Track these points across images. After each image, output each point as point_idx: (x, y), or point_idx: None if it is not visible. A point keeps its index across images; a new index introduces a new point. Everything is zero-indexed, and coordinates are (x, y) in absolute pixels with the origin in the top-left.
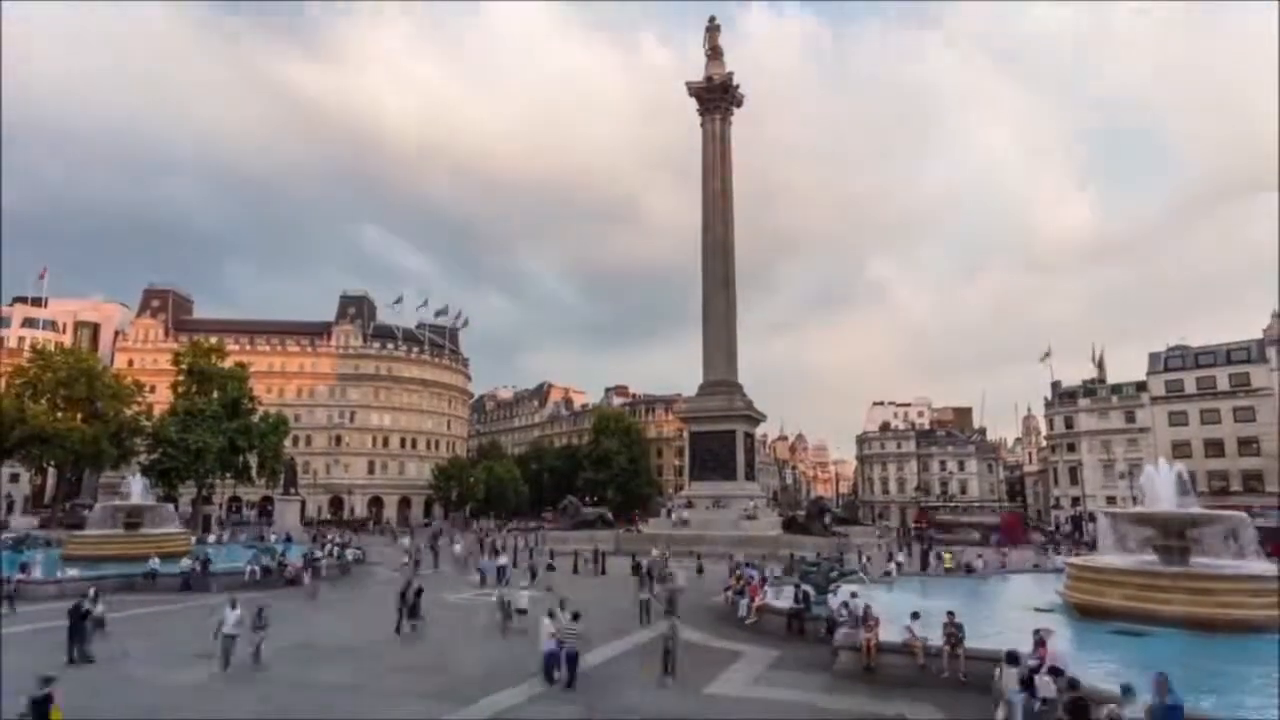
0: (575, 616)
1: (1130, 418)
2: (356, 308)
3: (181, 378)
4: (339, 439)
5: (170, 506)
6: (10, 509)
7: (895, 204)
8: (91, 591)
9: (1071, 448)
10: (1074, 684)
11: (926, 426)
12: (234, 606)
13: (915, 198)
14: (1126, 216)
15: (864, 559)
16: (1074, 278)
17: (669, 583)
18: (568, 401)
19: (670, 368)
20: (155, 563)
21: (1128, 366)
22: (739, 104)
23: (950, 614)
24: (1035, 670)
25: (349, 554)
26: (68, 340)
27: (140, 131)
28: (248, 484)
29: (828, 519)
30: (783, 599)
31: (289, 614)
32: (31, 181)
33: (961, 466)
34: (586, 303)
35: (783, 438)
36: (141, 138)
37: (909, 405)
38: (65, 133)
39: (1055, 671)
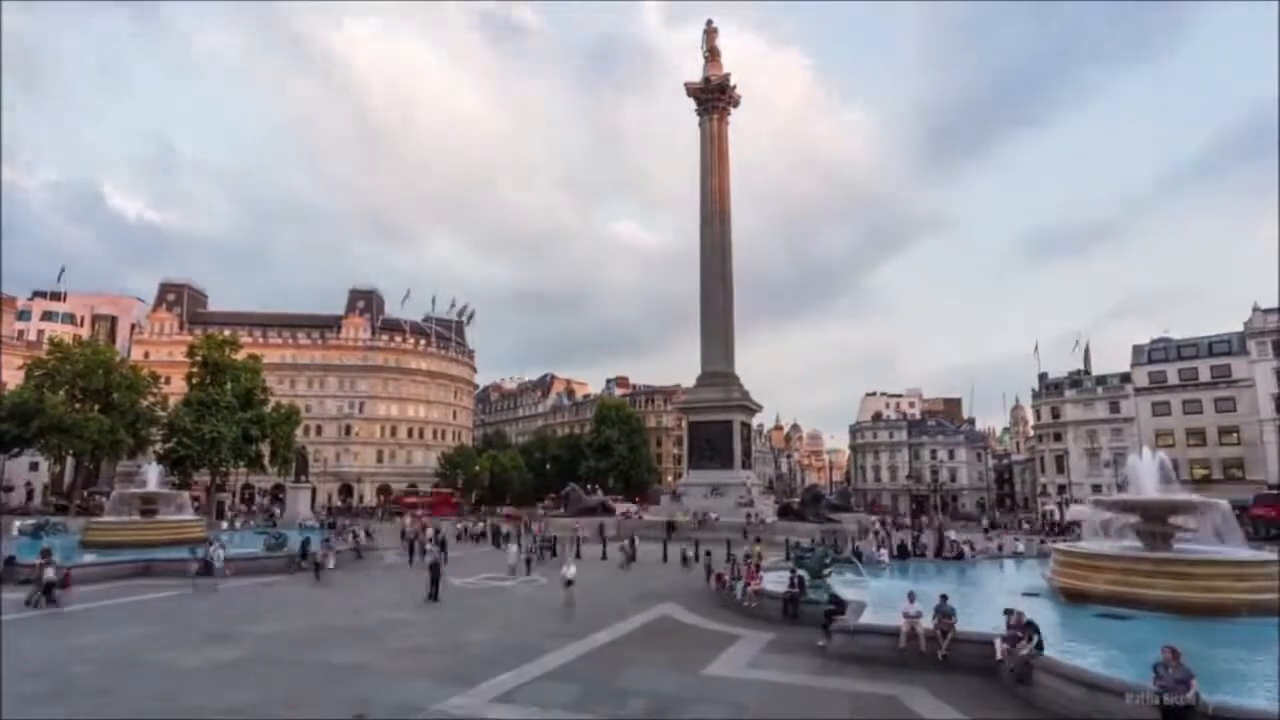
0: None
1: (1115, 408)
2: (365, 301)
3: (196, 369)
4: (349, 428)
5: (185, 494)
6: (30, 496)
7: (892, 195)
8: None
9: (1058, 437)
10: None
11: (918, 416)
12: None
13: (910, 191)
14: (1114, 208)
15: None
16: (1066, 269)
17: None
18: (570, 392)
19: (669, 360)
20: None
21: (1113, 359)
22: (736, 104)
23: (943, 597)
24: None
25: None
26: (85, 333)
27: None
28: (260, 472)
29: (823, 506)
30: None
31: (301, 598)
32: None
33: (951, 455)
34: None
35: (779, 427)
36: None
37: (901, 396)
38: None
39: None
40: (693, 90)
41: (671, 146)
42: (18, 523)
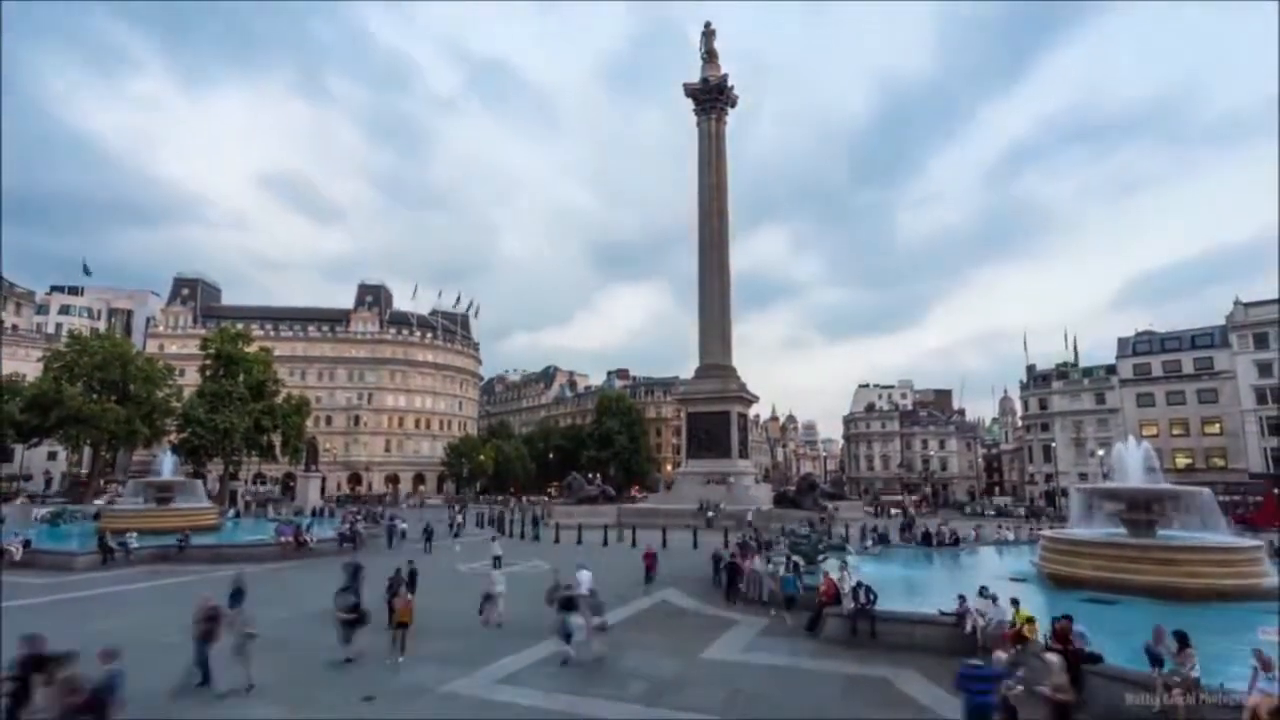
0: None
1: (1100, 399)
2: (374, 296)
3: (209, 362)
4: (357, 419)
5: (199, 482)
6: (48, 485)
7: (886, 190)
8: None
9: (1045, 427)
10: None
11: (909, 407)
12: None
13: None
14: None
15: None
16: (1055, 261)
17: None
18: (572, 384)
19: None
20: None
21: (1099, 351)
22: (733, 104)
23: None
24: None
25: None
26: (102, 326)
27: None
28: (272, 462)
29: (817, 494)
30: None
31: (311, 584)
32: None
33: (942, 445)
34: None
35: (774, 418)
36: None
37: (893, 387)
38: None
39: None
40: (691, 90)
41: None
42: (36, 510)
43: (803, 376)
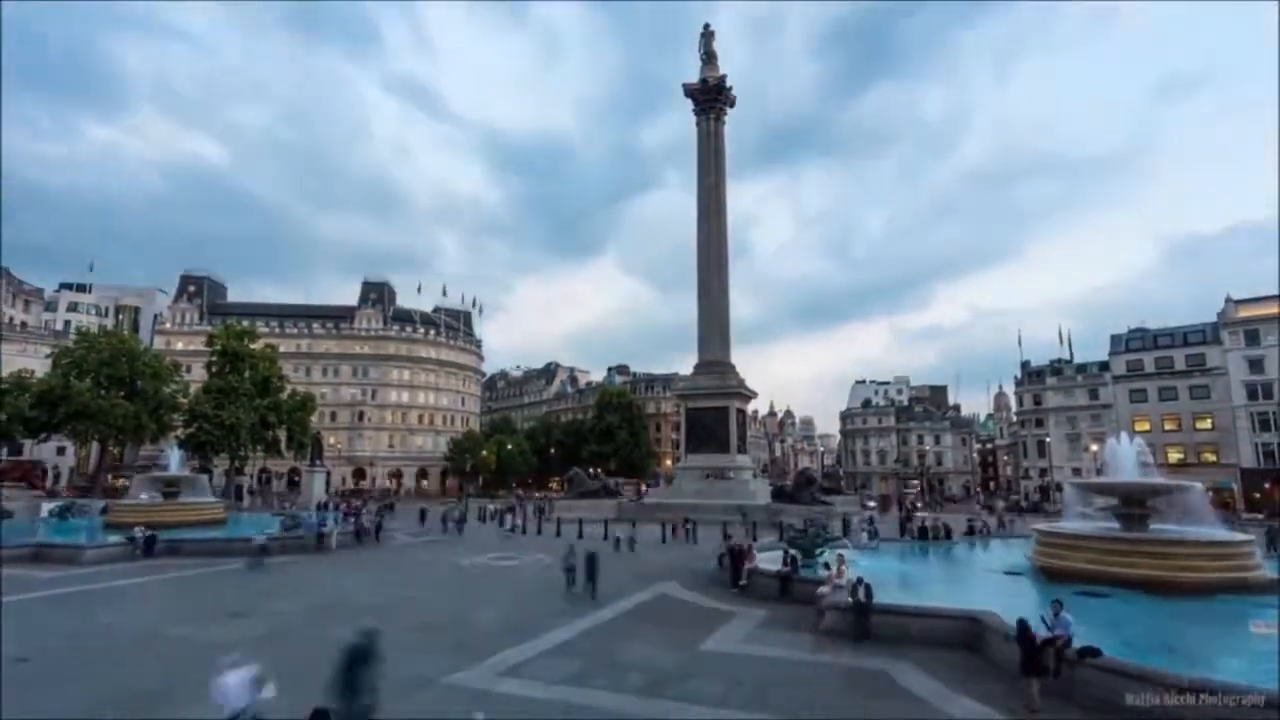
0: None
1: (1094, 395)
2: (377, 293)
3: (215, 358)
4: (361, 415)
5: (204, 477)
6: (57, 480)
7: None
8: None
9: (1040, 423)
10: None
11: (905, 403)
12: None
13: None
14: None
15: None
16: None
17: None
18: (573, 380)
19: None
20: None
21: (1092, 347)
22: (732, 104)
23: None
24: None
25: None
26: (110, 323)
27: None
28: (277, 457)
29: (815, 489)
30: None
31: (316, 577)
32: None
33: (938, 440)
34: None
35: (772, 413)
36: None
37: (889, 384)
38: None
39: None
40: (690, 91)
41: None
42: (46, 505)
43: (800, 372)
